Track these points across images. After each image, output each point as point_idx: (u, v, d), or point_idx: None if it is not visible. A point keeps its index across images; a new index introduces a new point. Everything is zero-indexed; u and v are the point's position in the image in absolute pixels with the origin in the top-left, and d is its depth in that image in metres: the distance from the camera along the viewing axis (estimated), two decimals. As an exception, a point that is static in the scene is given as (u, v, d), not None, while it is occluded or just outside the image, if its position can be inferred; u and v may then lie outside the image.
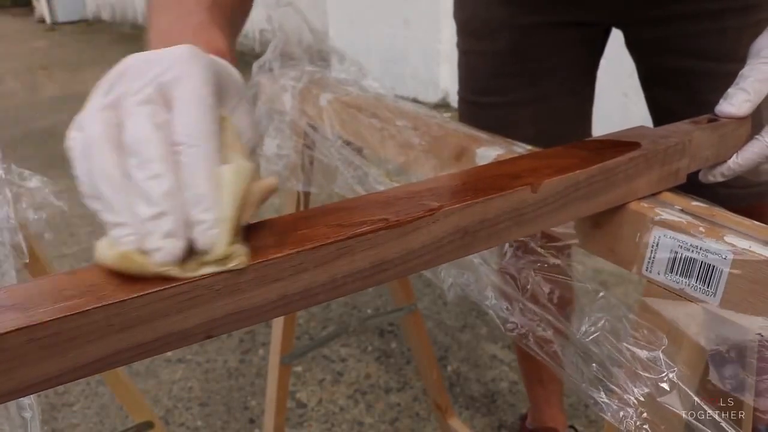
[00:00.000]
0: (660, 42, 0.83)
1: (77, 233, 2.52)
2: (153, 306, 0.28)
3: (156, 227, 0.29)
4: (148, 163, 0.30)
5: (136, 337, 0.28)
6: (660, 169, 0.46)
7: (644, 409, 0.43)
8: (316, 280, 0.33)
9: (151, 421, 1.07)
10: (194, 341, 0.31)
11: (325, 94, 0.74)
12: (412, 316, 1.16)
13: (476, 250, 0.39)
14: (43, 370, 0.27)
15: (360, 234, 0.33)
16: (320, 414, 1.52)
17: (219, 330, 0.31)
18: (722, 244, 0.40)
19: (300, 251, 0.32)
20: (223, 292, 0.30)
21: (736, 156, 0.53)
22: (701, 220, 0.42)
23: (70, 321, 0.27)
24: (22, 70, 6.18)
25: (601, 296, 0.47)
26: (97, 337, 0.27)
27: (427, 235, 0.36)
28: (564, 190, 0.41)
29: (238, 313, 0.31)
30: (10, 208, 0.68)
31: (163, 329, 0.29)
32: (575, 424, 1.43)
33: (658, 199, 0.46)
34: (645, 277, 0.45)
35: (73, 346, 0.27)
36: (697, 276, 0.41)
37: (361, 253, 0.34)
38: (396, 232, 0.34)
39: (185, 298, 0.29)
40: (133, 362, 0.29)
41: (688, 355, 0.42)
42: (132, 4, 8.65)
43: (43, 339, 0.26)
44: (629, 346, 0.44)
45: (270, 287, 0.31)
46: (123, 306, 0.28)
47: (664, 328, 0.43)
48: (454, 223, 0.37)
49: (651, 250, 0.44)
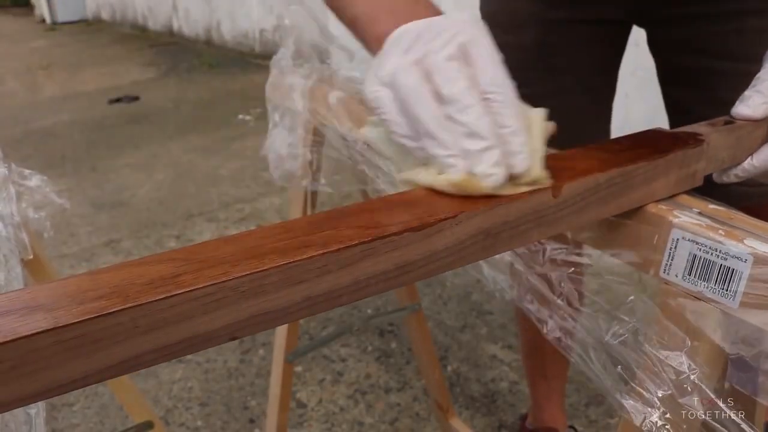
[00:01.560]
0: (680, 41, 0.84)
1: (77, 233, 2.51)
2: (179, 308, 0.28)
3: (487, 158, 0.37)
4: (469, 108, 0.38)
5: (161, 339, 0.28)
6: (678, 171, 0.46)
7: (666, 409, 0.43)
8: (339, 282, 0.33)
9: (151, 421, 1.07)
10: (218, 343, 0.30)
11: (334, 92, 0.73)
12: (414, 316, 1.16)
13: (498, 252, 0.39)
14: (68, 372, 0.26)
15: (385, 236, 0.33)
16: (320, 414, 1.52)
17: (243, 332, 0.31)
18: (742, 247, 0.39)
19: (325, 253, 0.32)
20: (248, 293, 0.30)
21: (751, 158, 0.53)
22: (720, 223, 0.42)
23: (96, 323, 0.26)
24: (22, 70, 6.17)
25: (630, 300, 0.47)
26: (123, 338, 0.27)
27: (450, 237, 0.36)
28: (584, 193, 0.41)
29: (263, 314, 0.31)
30: (13, 204, 0.68)
31: (188, 331, 0.29)
32: (575, 424, 1.42)
33: (676, 201, 0.46)
34: (663, 279, 0.44)
35: (98, 348, 0.27)
36: (716, 279, 0.41)
37: (385, 254, 0.34)
38: (420, 235, 0.35)
39: (211, 300, 0.29)
40: (157, 364, 0.29)
41: (707, 356, 0.42)
42: (132, 4, 8.64)
43: (69, 341, 0.26)
44: (652, 348, 0.44)
45: (294, 289, 0.31)
46: (149, 308, 0.27)
47: (684, 330, 0.43)
48: (477, 225, 0.37)
49: (669, 253, 0.43)
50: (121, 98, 4.77)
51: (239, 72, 5.55)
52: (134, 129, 4.02)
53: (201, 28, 7.13)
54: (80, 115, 4.39)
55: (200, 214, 2.66)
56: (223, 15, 6.64)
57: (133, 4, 8.62)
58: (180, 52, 6.77)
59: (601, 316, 0.50)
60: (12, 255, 0.62)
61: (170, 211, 2.72)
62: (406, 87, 0.39)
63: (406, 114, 0.39)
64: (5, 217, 0.66)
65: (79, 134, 3.94)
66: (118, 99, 4.76)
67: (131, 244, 2.41)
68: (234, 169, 3.17)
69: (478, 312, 1.88)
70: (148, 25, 8.37)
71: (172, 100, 4.73)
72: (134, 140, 3.76)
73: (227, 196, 2.85)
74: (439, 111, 0.38)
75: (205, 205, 2.75)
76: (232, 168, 3.19)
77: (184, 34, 7.49)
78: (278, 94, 0.82)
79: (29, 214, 0.74)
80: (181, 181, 3.06)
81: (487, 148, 0.37)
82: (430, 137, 0.38)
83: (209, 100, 4.71)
